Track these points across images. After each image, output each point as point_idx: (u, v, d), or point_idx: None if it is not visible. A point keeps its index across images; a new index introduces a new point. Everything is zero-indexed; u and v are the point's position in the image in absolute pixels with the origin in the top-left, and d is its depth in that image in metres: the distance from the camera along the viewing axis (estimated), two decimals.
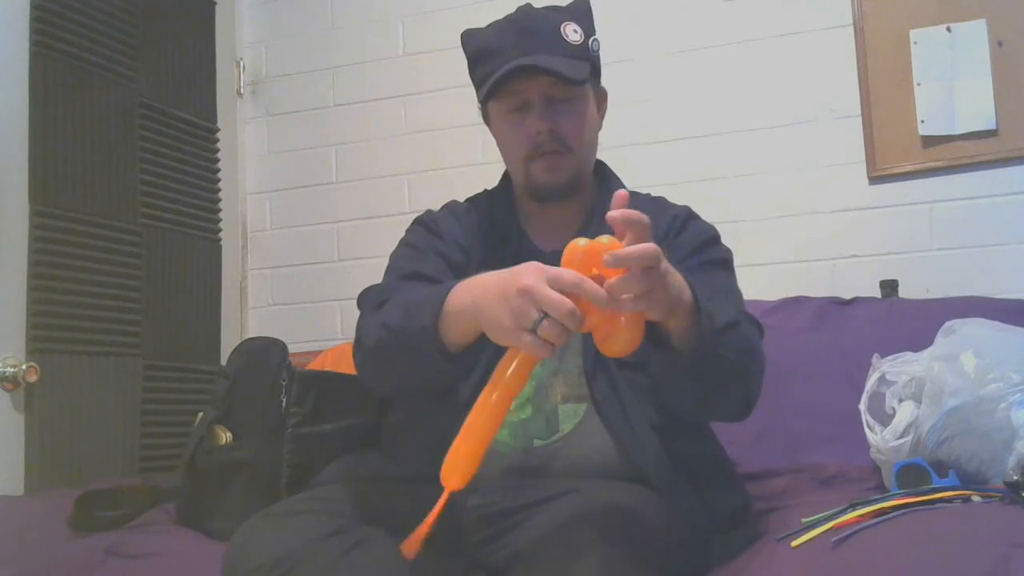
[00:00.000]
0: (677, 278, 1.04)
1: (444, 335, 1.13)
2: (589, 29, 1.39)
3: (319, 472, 1.40)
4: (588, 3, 1.42)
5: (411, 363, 1.19)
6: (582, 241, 1.00)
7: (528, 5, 1.42)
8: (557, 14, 1.38)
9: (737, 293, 1.38)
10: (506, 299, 1.00)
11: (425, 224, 1.47)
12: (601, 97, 1.46)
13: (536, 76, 1.32)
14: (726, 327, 1.13)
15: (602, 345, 1.01)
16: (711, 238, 1.42)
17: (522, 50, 1.33)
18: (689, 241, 1.39)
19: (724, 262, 1.41)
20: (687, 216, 1.44)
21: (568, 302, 0.95)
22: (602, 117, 1.46)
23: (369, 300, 1.34)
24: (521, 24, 1.37)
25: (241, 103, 2.81)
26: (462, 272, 1.38)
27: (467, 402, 1.28)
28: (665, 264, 0.99)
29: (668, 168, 2.29)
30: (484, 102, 1.41)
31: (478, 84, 1.40)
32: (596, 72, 1.42)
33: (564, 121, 1.35)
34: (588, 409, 1.28)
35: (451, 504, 1.21)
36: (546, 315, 0.96)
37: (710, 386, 1.17)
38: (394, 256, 1.46)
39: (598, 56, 1.41)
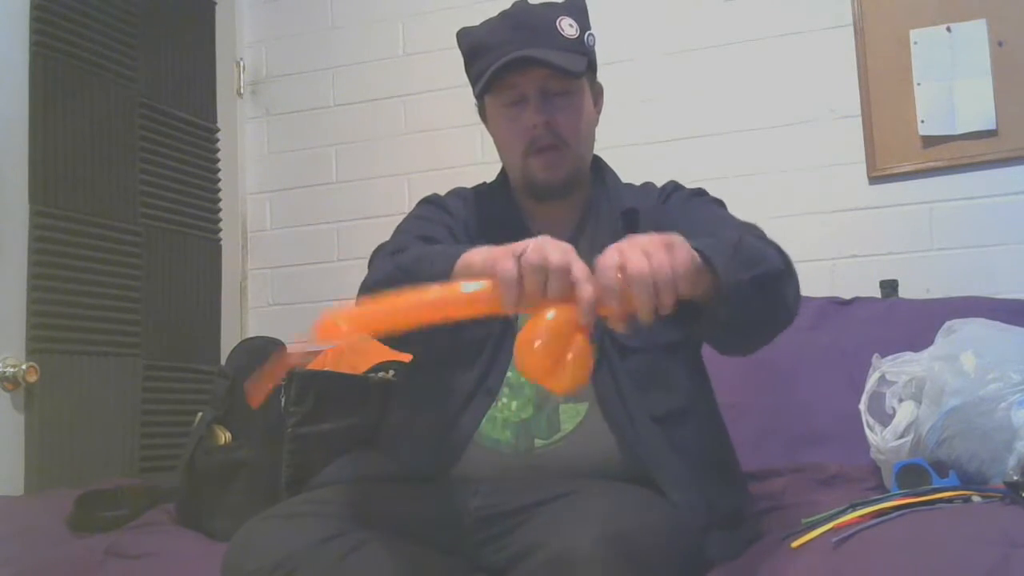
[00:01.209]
0: (683, 248, 1.00)
1: None
2: (584, 24, 1.39)
3: (319, 472, 1.40)
4: (583, 1, 1.42)
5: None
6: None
7: (523, 1, 1.42)
8: (552, 10, 1.38)
9: (732, 217, 1.38)
10: (508, 248, 0.99)
11: (434, 202, 1.49)
12: (597, 92, 1.46)
13: (532, 69, 1.32)
14: (734, 249, 1.09)
15: (549, 379, 0.96)
16: (699, 191, 1.47)
17: (517, 44, 1.32)
18: (680, 197, 1.44)
19: (718, 201, 1.44)
20: (674, 187, 1.48)
21: (564, 255, 0.94)
22: (599, 113, 1.46)
23: (383, 253, 1.35)
24: (516, 19, 1.37)
25: (241, 103, 2.80)
26: None
27: (469, 394, 1.29)
28: (657, 239, 0.97)
29: (668, 168, 2.26)
30: (480, 97, 1.41)
31: (474, 80, 1.40)
32: (592, 67, 1.42)
33: (560, 115, 1.35)
34: (589, 408, 1.28)
35: (451, 505, 1.22)
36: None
37: (758, 307, 1.12)
38: (402, 224, 1.46)
39: (594, 51, 1.41)
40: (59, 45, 2.12)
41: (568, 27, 1.35)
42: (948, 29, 2.14)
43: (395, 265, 1.22)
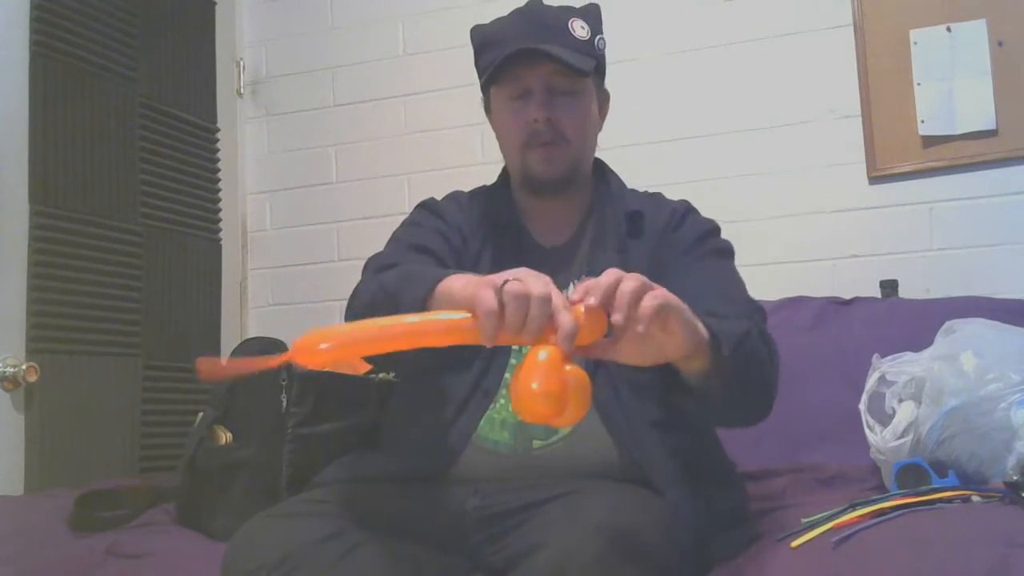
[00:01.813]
0: (688, 315, 1.03)
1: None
2: (596, 29, 1.40)
3: (319, 472, 1.40)
4: (598, 7, 1.44)
5: None
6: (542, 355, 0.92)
7: (538, 0, 1.43)
8: (566, 11, 1.39)
9: (739, 282, 1.38)
10: (487, 279, 0.99)
11: (428, 207, 1.49)
12: (604, 98, 1.46)
13: (539, 64, 1.33)
14: (740, 341, 1.14)
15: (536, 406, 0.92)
16: (711, 230, 1.43)
17: (527, 39, 1.33)
18: (689, 234, 1.40)
19: (725, 251, 1.42)
20: (686, 210, 1.45)
21: (545, 286, 0.94)
22: (603, 119, 1.46)
23: (373, 265, 1.36)
24: (529, 16, 1.38)
25: (241, 103, 2.81)
26: (459, 255, 1.39)
27: (467, 395, 1.29)
28: (663, 294, 0.98)
29: (668, 168, 2.29)
30: (486, 88, 1.41)
31: (481, 71, 1.41)
32: (600, 71, 1.42)
33: (563, 113, 1.35)
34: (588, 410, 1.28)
35: (450, 505, 1.22)
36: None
37: (741, 399, 1.18)
38: (397, 232, 1.47)
39: (603, 56, 1.42)
40: (59, 45, 2.11)
41: (580, 28, 1.36)
42: (948, 29, 2.14)
43: (379, 285, 1.23)
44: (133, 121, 2.33)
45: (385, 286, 1.21)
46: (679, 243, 1.38)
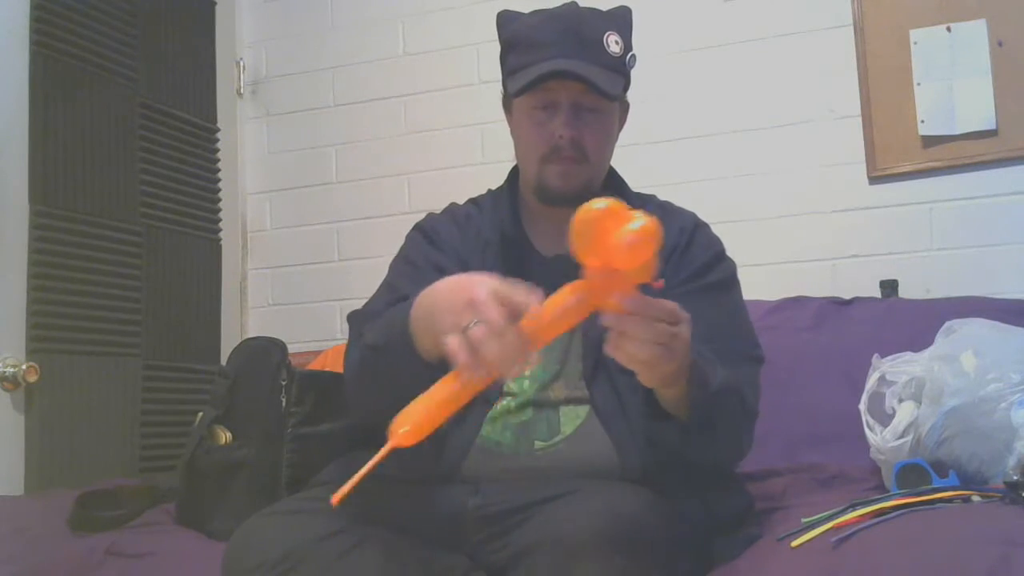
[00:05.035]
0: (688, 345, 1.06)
1: (417, 343, 1.13)
2: (628, 43, 1.38)
3: (319, 472, 1.40)
4: (631, 15, 1.42)
5: (394, 375, 1.17)
6: (600, 203, 0.96)
7: (574, 3, 1.40)
8: (603, 21, 1.36)
9: (737, 321, 1.37)
10: (452, 306, 1.02)
11: (424, 233, 1.46)
12: (624, 109, 1.45)
13: (570, 81, 1.31)
14: (719, 390, 1.15)
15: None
16: (714, 256, 1.40)
17: (562, 50, 1.31)
18: (693, 260, 1.37)
19: (725, 283, 1.39)
20: (694, 227, 1.42)
21: (497, 319, 0.95)
22: (621, 128, 1.45)
23: (355, 327, 1.35)
24: (566, 23, 1.34)
25: (241, 103, 2.81)
26: None
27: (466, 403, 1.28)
28: (684, 330, 1.02)
29: (669, 168, 2.29)
30: (512, 95, 1.39)
31: (508, 72, 1.38)
32: (626, 87, 1.41)
33: (587, 131, 1.34)
34: (590, 411, 1.28)
35: (451, 503, 1.22)
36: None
37: (704, 440, 1.19)
38: (392, 270, 1.45)
39: (630, 71, 1.40)
40: (59, 45, 2.11)
41: (614, 44, 1.34)
42: (948, 29, 2.14)
43: (364, 345, 1.26)
44: (133, 121, 2.33)
45: (368, 343, 1.24)
46: (682, 269, 1.36)
